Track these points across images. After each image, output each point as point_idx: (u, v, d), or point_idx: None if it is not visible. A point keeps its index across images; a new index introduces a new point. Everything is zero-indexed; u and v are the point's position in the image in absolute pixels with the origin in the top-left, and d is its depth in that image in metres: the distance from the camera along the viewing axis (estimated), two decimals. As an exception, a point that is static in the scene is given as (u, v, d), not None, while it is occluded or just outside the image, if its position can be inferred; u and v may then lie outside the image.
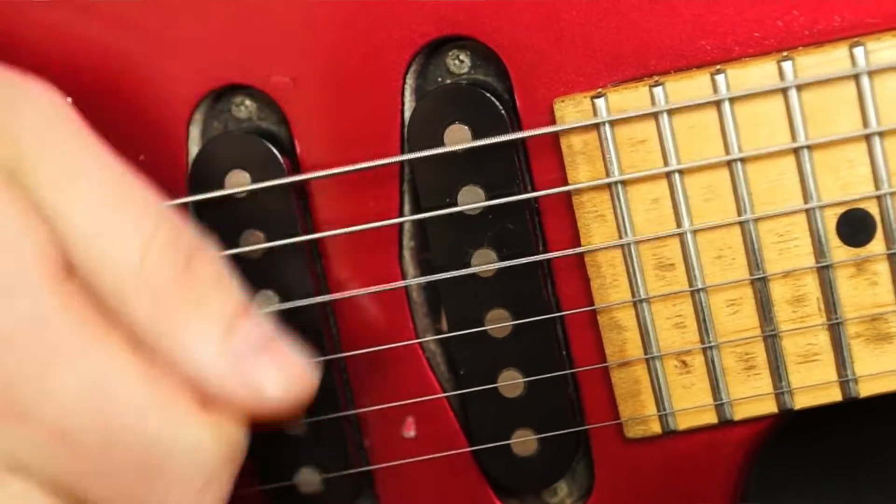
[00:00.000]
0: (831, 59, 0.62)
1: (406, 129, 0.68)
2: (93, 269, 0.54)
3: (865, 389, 0.65)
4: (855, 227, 0.64)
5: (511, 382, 0.69)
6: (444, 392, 0.70)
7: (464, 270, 0.68)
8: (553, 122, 0.66)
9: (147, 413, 0.53)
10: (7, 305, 0.52)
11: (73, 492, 0.53)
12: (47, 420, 0.52)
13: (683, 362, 0.66)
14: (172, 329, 0.55)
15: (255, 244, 0.69)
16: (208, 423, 0.55)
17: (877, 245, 0.64)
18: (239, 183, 0.69)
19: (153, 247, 0.55)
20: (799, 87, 0.63)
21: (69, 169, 0.55)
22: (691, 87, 0.64)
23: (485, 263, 0.68)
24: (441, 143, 0.67)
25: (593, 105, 0.65)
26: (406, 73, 0.68)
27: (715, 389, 0.66)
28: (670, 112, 0.64)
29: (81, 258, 0.54)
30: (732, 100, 0.63)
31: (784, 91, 0.63)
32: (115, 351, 0.53)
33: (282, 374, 0.57)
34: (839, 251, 0.64)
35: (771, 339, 0.65)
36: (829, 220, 0.64)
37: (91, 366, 0.53)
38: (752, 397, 0.66)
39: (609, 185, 0.65)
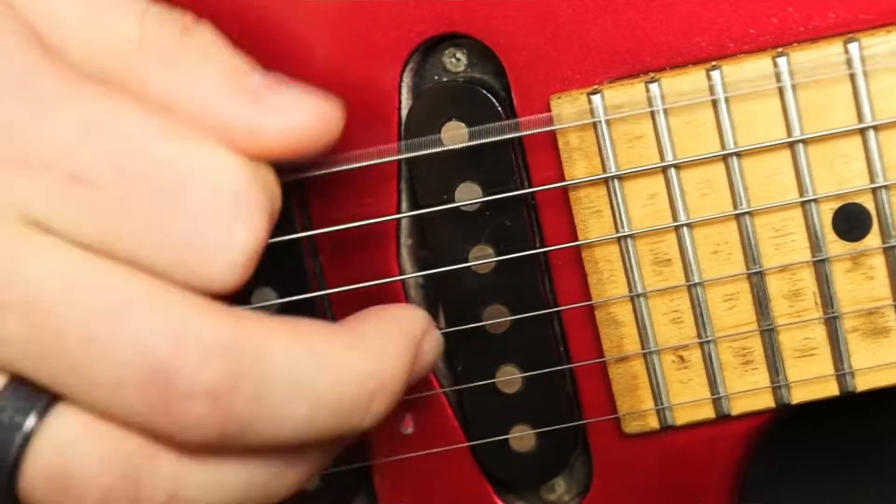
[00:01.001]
0: (826, 54, 0.63)
1: (403, 127, 0.68)
2: (92, 52, 0.54)
3: (862, 383, 0.66)
4: (851, 221, 0.64)
5: (509, 378, 0.69)
6: (442, 388, 0.70)
7: (461, 266, 0.68)
8: (549, 118, 0.66)
9: (153, 140, 0.52)
10: None
11: (99, 237, 0.52)
12: (53, 163, 0.51)
13: (681, 357, 0.67)
14: (184, 79, 0.54)
15: (253, 242, 0.69)
16: (227, 151, 0.53)
17: (873, 239, 0.64)
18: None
19: (149, 18, 0.55)
20: (794, 83, 0.63)
21: None
22: (687, 83, 0.64)
23: (482, 259, 0.68)
24: (438, 141, 0.67)
25: (590, 101, 0.65)
26: (403, 71, 0.68)
27: (712, 384, 0.66)
28: (666, 108, 0.64)
29: (78, 46, 0.54)
30: (728, 96, 0.63)
31: (779, 87, 0.63)
32: (109, 93, 0.53)
33: (302, 99, 0.56)
34: (835, 246, 0.64)
35: (768, 334, 0.66)
36: (826, 215, 0.64)
37: (86, 104, 0.52)
38: (750, 392, 0.66)
39: (606, 181, 0.66)
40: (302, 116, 0.55)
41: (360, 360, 0.57)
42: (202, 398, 0.52)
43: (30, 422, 0.52)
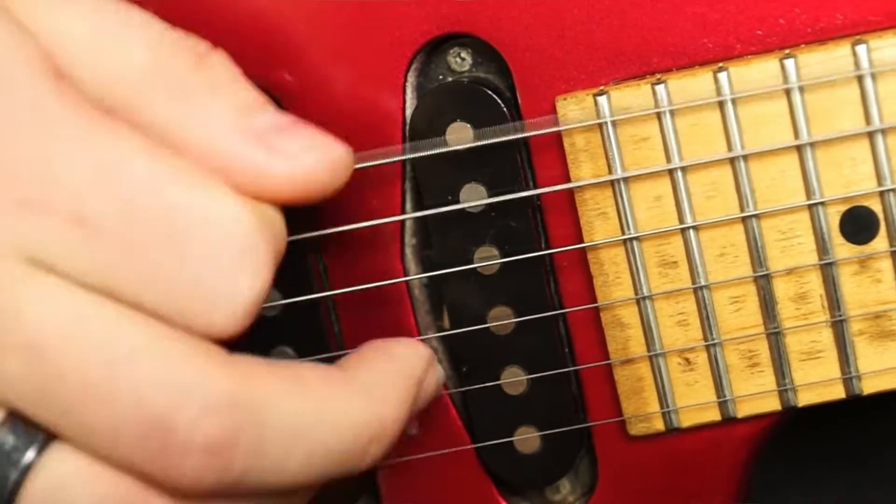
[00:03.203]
0: (834, 56, 0.62)
1: (408, 127, 0.68)
2: (102, 78, 0.53)
3: (869, 387, 0.65)
4: (858, 224, 0.64)
5: (514, 380, 0.69)
6: (447, 389, 0.70)
7: (466, 267, 0.68)
8: (555, 120, 0.66)
9: (161, 184, 0.51)
10: None
11: (103, 280, 0.51)
12: (60, 206, 0.51)
13: (686, 360, 0.66)
14: (191, 116, 0.53)
15: (257, 242, 0.69)
16: (235, 197, 0.53)
17: (880, 242, 0.64)
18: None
19: (162, 45, 0.54)
20: (801, 86, 0.62)
21: None
22: (693, 85, 0.64)
23: (487, 260, 0.68)
24: (443, 142, 0.67)
25: (595, 103, 0.64)
26: (407, 70, 0.68)
27: (718, 387, 0.66)
28: (673, 110, 0.64)
29: (87, 71, 0.53)
30: (735, 98, 0.63)
31: (786, 89, 0.63)
32: (120, 132, 0.52)
33: (312, 145, 0.55)
34: (842, 248, 0.64)
35: (774, 337, 0.65)
36: (833, 218, 0.64)
37: (95, 146, 0.51)
38: (756, 394, 0.66)
39: (612, 183, 0.65)
40: (310, 162, 0.55)
41: (360, 408, 0.57)
42: (201, 452, 0.51)
43: (27, 458, 0.52)
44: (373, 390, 0.58)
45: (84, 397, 0.51)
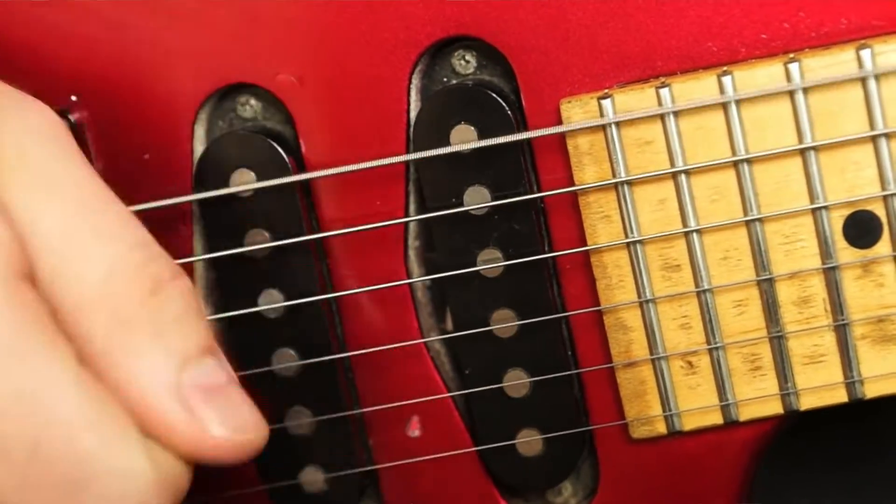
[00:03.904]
0: (838, 61, 0.62)
1: (412, 129, 0.68)
2: (55, 282, 0.53)
3: (871, 391, 0.65)
4: (861, 228, 0.64)
5: (516, 382, 0.69)
6: (450, 392, 0.70)
7: (470, 269, 0.68)
8: (559, 122, 0.66)
9: (80, 429, 0.52)
10: None
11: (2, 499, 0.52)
12: None
13: (689, 363, 0.67)
14: (124, 353, 0.53)
15: (261, 243, 0.69)
16: (146, 450, 0.53)
17: (883, 247, 0.64)
18: (244, 182, 0.69)
19: (121, 268, 0.54)
20: (805, 89, 0.63)
21: (47, 180, 0.54)
22: (698, 88, 0.64)
23: (490, 263, 0.68)
24: (447, 143, 0.67)
25: (600, 106, 0.65)
26: (412, 73, 0.68)
27: (721, 390, 0.66)
28: (677, 113, 0.64)
29: (45, 270, 0.53)
30: (739, 101, 0.63)
31: (791, 93, 0.63)
32: (57, 362, 0.52)
33: (228, 419, 0.55)
34: (845, 253, 0.64)
35: (777, 340, 0.65)
36: (836, 222, 0.64)
37: (28, 371, 0.51)
38: (758, 398, 0.66)
39: (615, 186, 0.65)
40: (221, 436, 0.54)
41: None
42: None
43: None
44: None
45: None
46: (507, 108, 0.67)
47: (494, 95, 0.67)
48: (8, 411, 0.51)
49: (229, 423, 0.55)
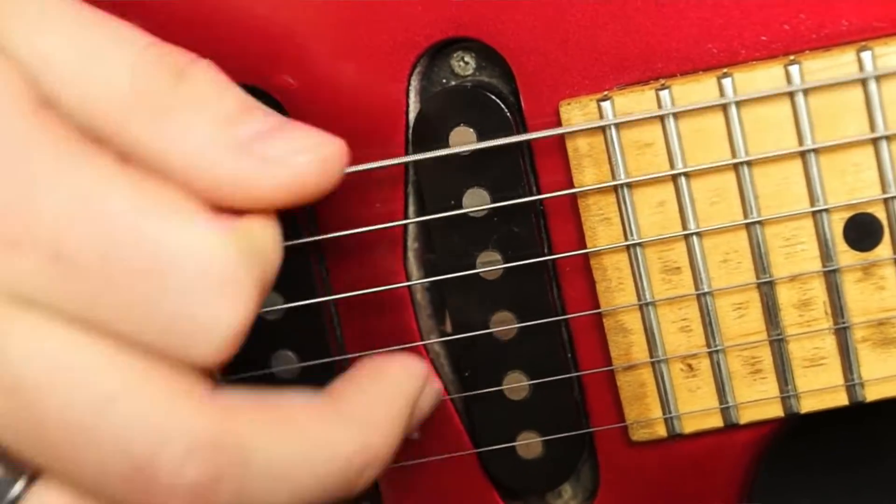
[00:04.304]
0: (838, 63, 0.62)
1: (411, 131, 0.68)
2: (85, 102, 0.53)
3: (872, 393, 0.65)
4: (862, 231, 0.64)
5: (516, 385, 0.69)
6: (449, 394, 0.70)
7: (469, 272, 0.68)
8: (558, 124, 0.65)
9: (142, 218, 0.51)
10: None
11: (86, 316, 0.51)
12: (40, 243, 0.50)
13: (689, 366, 0.66)
14: (175, 136, 0.53)
15: (260, 246, 0.69)
16: (216, 226, 0.52)
17: (884, 249, 0.64)
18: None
19: (142, 66, 0.53)
20: (806, 91, 0.62)
21: (44, 18, 0.53)
22: (698, 90, 0.63)
23: (490, 266, 0.68)
24: (446, 145, 0.67)
25: (599, 108, 0.64)
26: (411, 74, 0.68)
27: (721, 393, 0.66)
28: (676, 115, 0.64)
29: (72, 96, 0.53)
30: (739, 103, 0.63)
31: (791, 95, 0.62)
32: (100, 164, 0.51)
33: (302, 146, 0.54)
34: (846, 255, 0.64)
35: (777, 343, 0.65)
36: (836, 225, 0.64)
37: (75, 180, 0.51)
38: (758, 401, 0.66)
39: (615, 188, 0.65)
40: (301, 164, 0.54)
41: (349, 438, 0.56)
42: (185, 494, 0.52)
43: (14, 491, 0.52)
44: (363, 417, 0.58)
45: (68, 440, 0.51)
46: (506, 110, 0.67)
47: (493, 97, 0.67)
48: (68, 222, 0.50)
49: (306, 145, 0.54)
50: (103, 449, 0.51)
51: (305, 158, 0.54)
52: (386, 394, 0.60)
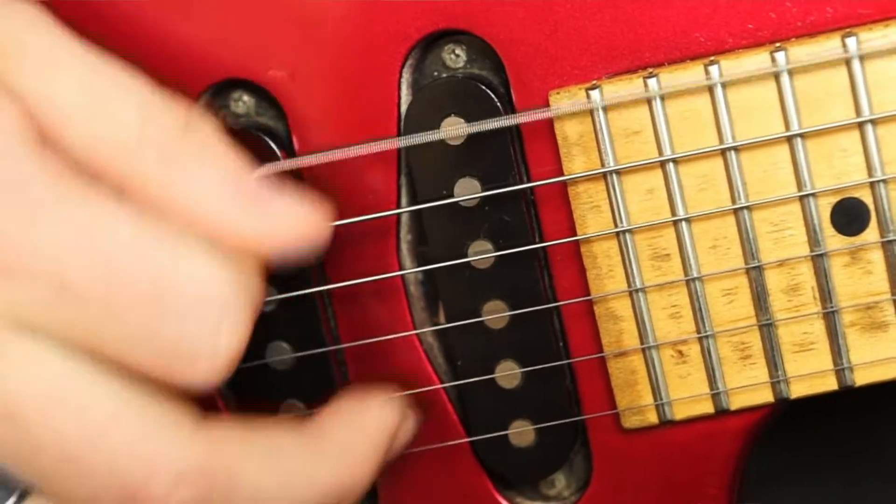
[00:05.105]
0: (824, 48, 0.63)
1: (402, 123, 0.68)
2: (90, 142, 0.54)
3: (861, 378, 0.65)
4: (849, 215, 0.64)
5: (508, 373, 0.69)
6: (442, 383, 0.71)
7: (460, 260, 0.68)
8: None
9: (144, 247, 0.53)
10: None
11: (86, 342, 0.53)
12: (42, 271, 0.52)
13: (680, 352, 0.67)
14: (181, 180, 0.55)
15: (254, 238, 0.69)
16: (217, 257, 0.54)
17: (871, 234, 0.64)
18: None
19: (150, 111, 0.55)
20: (791, 74, 0.63)
21: (50, 60, 0.55)
22: (685, 77, 0.64)
23: (481, 255, 0.68)
24: (436, 133, 0.67)
25: (588, 96, 0.65)
26: (402, 66, 0.68)
27: (711, 379, 0.67)
28: (664, 101, 0.64)
29: (77, 136, 0.54)
30: (726, 87, 0.63)
31: (777, 79, 0.63)
32: (101, 197, 0.53)
33: (297, 207, 0.57)
34: (833, 240, 0.64)
35: (766, 328, 0.66)
36: (824, 209, 0.64)
37: (78, 211, 0.53)
38: (749, 386, 0.66)
39: (604, 176, 0.66)
40: (296, 223, 0.57)
41: (327, 471, 0.60)
42: None
43: None
44: (343, 450, 0.61)
45: (61, 466, 0.53)
46: (496, 101, 0.67)
47: (484, 88, 0.67)
48: (71, 251, 0.52)
49: (296, 211, 0.57)
50: (94, 476, 0.53)
51: (301, 217, 0.58)
52: (366, 429, 0.63)
